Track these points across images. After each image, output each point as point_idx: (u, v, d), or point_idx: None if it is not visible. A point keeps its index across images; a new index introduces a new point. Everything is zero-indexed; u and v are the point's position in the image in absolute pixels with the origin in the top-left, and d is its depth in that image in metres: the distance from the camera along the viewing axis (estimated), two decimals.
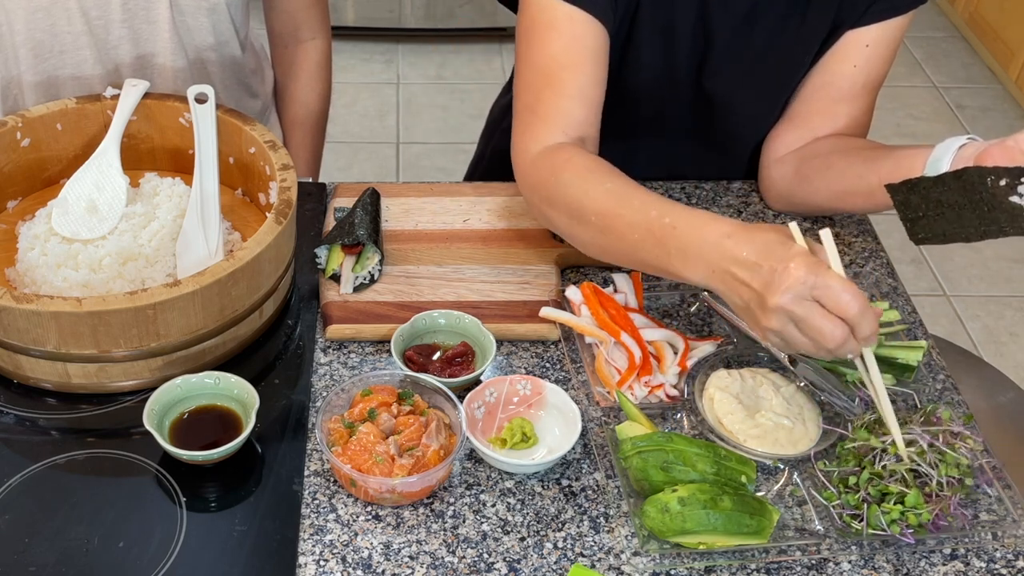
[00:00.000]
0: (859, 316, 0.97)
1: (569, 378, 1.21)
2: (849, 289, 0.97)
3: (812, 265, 0.98)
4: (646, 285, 1.32)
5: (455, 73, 3.76)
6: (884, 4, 1.30)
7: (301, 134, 1.70)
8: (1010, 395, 1.38)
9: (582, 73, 1.25)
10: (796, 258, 0.98)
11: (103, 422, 1.14)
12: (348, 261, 1.28)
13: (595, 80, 1.27)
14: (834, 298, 0.97)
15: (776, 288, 0.99)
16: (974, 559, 1.06)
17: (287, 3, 1.60)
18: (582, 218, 1.18)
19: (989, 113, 3.75)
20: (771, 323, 1.00)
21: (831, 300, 0.97)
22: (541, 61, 1.25)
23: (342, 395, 1.11)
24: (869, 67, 1.34)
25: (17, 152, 1.33)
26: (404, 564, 1.02)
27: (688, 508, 1.00)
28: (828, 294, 0.97)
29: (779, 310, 0.99)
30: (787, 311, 0.99)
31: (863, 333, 0.99)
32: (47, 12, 1.39)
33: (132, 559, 1.00)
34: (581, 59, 1.25)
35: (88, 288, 1.19)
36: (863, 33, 1.32)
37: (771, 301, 0.99)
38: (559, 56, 1.24)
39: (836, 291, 0.97)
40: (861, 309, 0.97)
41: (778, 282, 0.99)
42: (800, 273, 0.97)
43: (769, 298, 0.99)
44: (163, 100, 1.37)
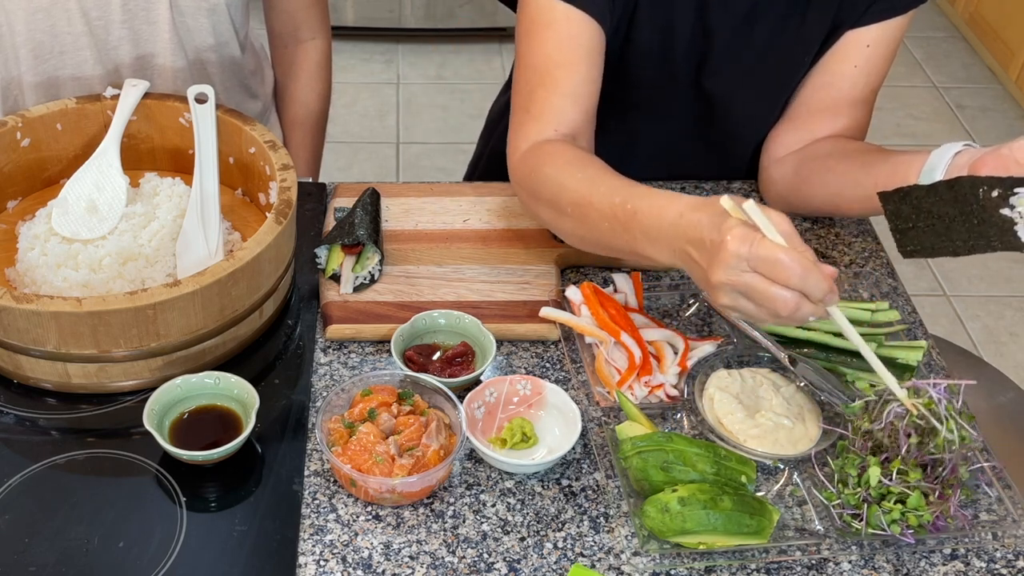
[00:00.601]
0: (801, 281, 0.95)
1: (569, 378, 1.21)
2: (785, 257, 0.95)
3: (745, 238, 0.96)
4: (646, 285, 1.32)
5: (455, 73, 3.76)
6: (884, 4, 1.30)
7: (301, 134, 1.70)
8: (1010, 395, 1.38)
9: (576, 72, 1.26)
10: (730, 232, 0.97)
11: (103, 422, 1.14)
12: (348, 261, 1.28)
13: (589, 79, 1.27)
14: (772, 268, 0.95)
15: (715, 264, 0.98)
16: (974, 559, 1.06)
17: (287, 3, 1.60)
18: (561, 209, 1.20)
19: (989, 113, 3.75)
20: (721, 299, 1.00)
21: (769, 271, 0.96)
22: (537, 60, 1.26)
23: (342, 395, 1.11)
24: (869, 67, 1.34)
25: (17, 152, 1.33)
26: (404, 564, 1.02)
27: (688, 508, 1.00)
28: (765, 265, 0.96)
29: (721, 286, 0.98)
30: (730, 285, 0.98)
31: (815, 296, 0.96)
32: (47, 13, 1.39)
33: (132, 559, 1.00)
34: (576, 58, 1.25)
35: (88, 288, 1.19)
36: (863, 33, 1.32)
37: (713, 278, 0.99)
38: (554, 55, 1.25)
39: (771, 261, 0.95)
40: (802, 275, 0.95)
41: (716, 258, 0.98)
42: (734, 247, 0.96)
43: (711, 275, 0.99)
44: (163, 100, 1.37)
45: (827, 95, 1.36)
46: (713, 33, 1.32)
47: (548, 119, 1.26)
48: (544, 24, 1.25)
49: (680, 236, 1.04)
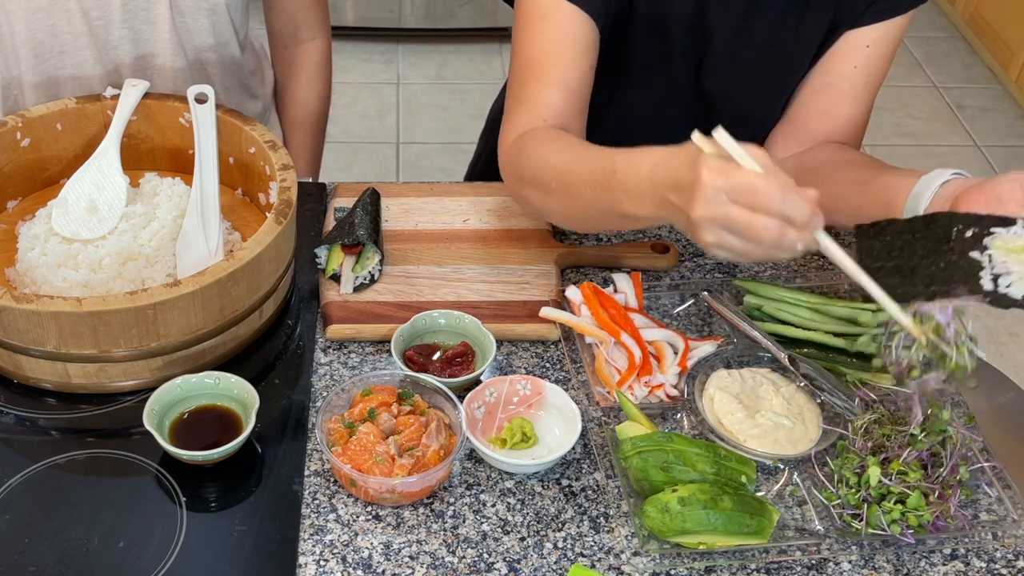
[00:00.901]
0: (781, 205, 0.92)
1: (569, 378, 1.21)
2: (762, 182, 0.92)
3: (720, 169, 0.94)
4: (646, 285, 1.32)
5: (455, 73, 3.76)
6: (883, 4, 1.30)
7: (301, 134, 1.70)
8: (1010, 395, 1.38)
9: (567, 65, 1.26)
10: (703, 166, 0.95)
11: (103, 422, 1.14)
12: (348, 261, 1.28)
13: (580, 72, 1.28)
14: (750, 196, 0.93)
15: (693, 201, 0.95)
16: (974, 559, 1.06)
17: (287, 3, 1.60)
18: (546, 187, 1.20)
19: (989, 113, 3.75)
20: (705, 237, 0.97)
21: (748, 199, 0.93)
22: (530, 52, 1.28)
23: (342, 395, 1.11)
24: (869, 67, 1.34)
25: (17, 152, 1.33)
26: (404, 564, 1.02)
27: (688, 508, 1.00)
28: (742, 194, 0.93)
29: (702, 222, 0.96)
30: (710, 220, 0.95)
31: (798, 219, 0.93)
32: (47, 12, 1.39)
33: (132, 559, 1.00)
34: (568, 51, 1.26)
35: (88, 288, 1.19)
36: (863, 33, 1.32)
37: (692, 216, 0.96)
38: (546, 47, 1.26)
39: (748, 188, 0.93)
40: (781, 198, 0.92)
41: (693, 195, 0.95)
42: (708, 179, 0.94)
43: (691, 212, 0.96)
44: (163, 100, 1.37)
45: (826, 96, 1.36)
46: (712, 32, 1.32)
47: (538, 110, 1.26)
48: (538, 17, 1.26)
49: (658, 184, 1.02)
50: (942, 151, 3.56)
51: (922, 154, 3.54)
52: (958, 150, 3.56)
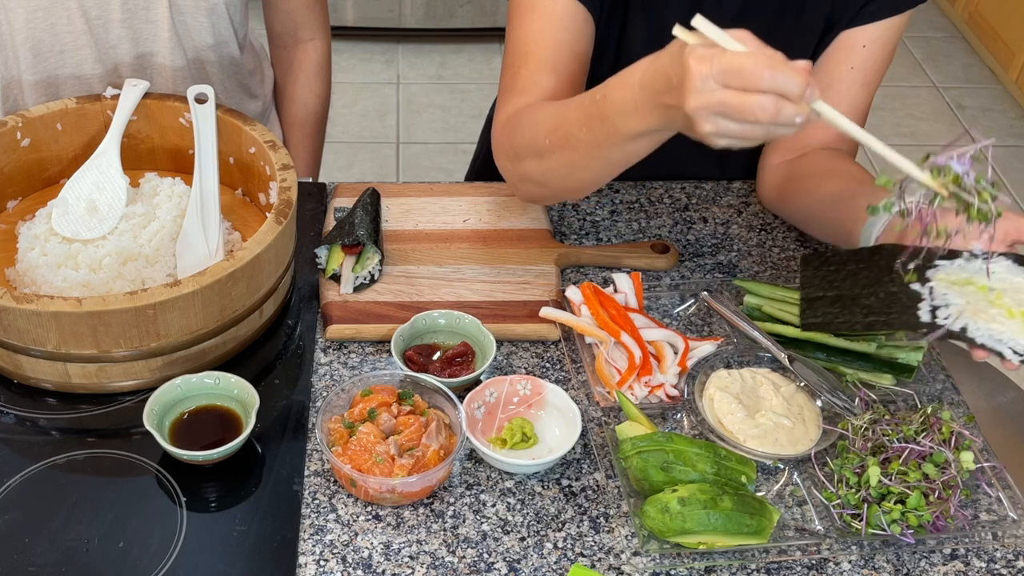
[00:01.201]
0: (772, 80, 0.91)
1: (569, 378, 1.21)
2: (748, 61, 0.91)
3: (705, 56, 0.93)
4: (646, 285, 1.32)
5: (455, 73, 3.76)
6: (879, 3, 1.29)
7: (301, 134, 1.70)
8: (1010, 395, 1.38)
9: (558, 50, 1.26)
10: (688, 57, 0.94)
11: (103, 422, 1.14)
12: (348, 261, 1.28)
13: (573, 56, 1.27)
14: (739, 76, 0.92)
15: (684, 94, 0.94)
16: (974, 559, 1.06)
17: (286, 3, 1.60)
18: (542, 148, 1.18)
19: (989, 113, 3.75)
20: (703, 128, 0.96)
21: (738, 80, 0.92)
22: (521, 41, 1.28)
23: (342, 395, 1.11)
24: (866, 68, 1.33)
25: (17, 152, 1.33)
26: (404, 564, 1.02)
27: (688, 508, 1.00)
28: (731, 76, 0.92)
29: (697, 112, 0.94)
30: (705, 108, 0.94)
31: (792, 92, 0.91)
32: (47, 12, 1.39)
33: (132, 559, 1.00)
34: (560, 37, 1.26)
35: (88, 288, 1.19)
36: (859, 33, 1.32)
37: (687, 108, 0.95)
38: (537, 34, 1.26)
39: (736, 69, 0.92)
40: (771, 74, 0.91)
41: (683, 88, 0.94)
42: (696, 68, 0.93)
43: (685, 105, 0.95)
44: (163, 100, 1.37)
45: (823, 99, 1.35)
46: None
47: (528, 93, 1.26)
48: (530, 6, 1.27)
49: (650, 89, 1.01)
50: None
51: (922, 154, 3.54)
52: None
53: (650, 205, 1.48)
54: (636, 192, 1.50)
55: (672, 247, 1.38)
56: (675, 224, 1.45)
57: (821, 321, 1.14)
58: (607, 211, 1.47)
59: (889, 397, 1.18)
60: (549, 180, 1.24)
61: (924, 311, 1.04)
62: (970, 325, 1.02)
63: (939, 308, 1.03)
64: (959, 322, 1.03)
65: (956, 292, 1.04)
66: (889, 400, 1.17)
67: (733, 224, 1.46)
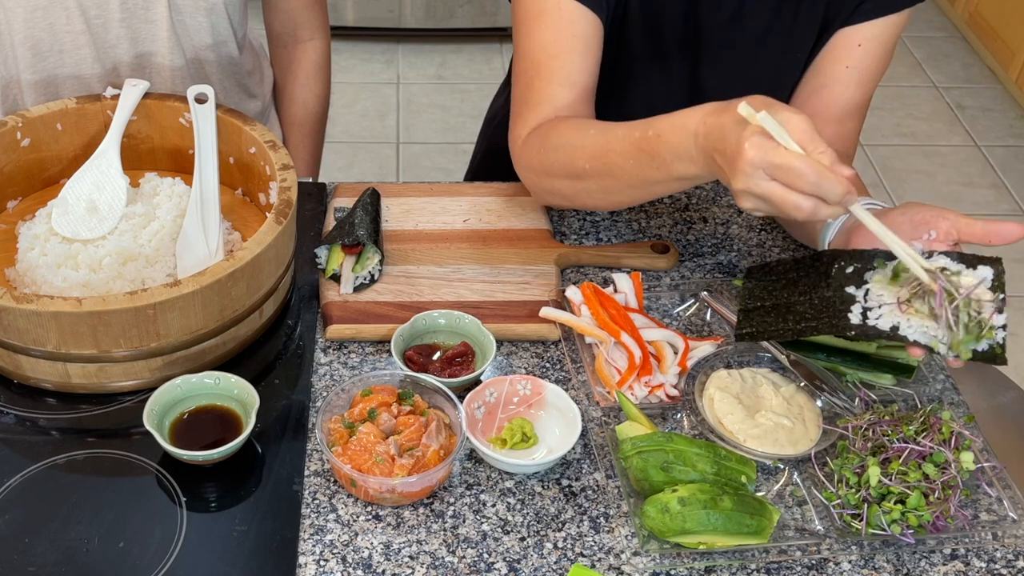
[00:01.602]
0: (816, 187, 0.98)
1: (569, 378, 1.21)
2: (798, 163, 0.97)
3: (762, 146, 0.99)
4: (646, 285, 1.32)
5: (455, 73, 3.76)
6: (876, 1, 1.29)
7: (300, 134, 1.70)
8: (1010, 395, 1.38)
9: (570, 61, 1.27)
10: (747, 140, 0.99)
11: (103, 422, 1.14)
12: (348, 261, 1.28)
13: (584, 67, 1.28)
14: (786, 175, 0.98)
15: (734, 172, 1.01)
16: (974, 559, 1.06)
17: (286, 3, 1.60)
18: (579, 172, 1.22)
19: (989, 113, 3.75)
20: (744, 204, 1.04)
21: (785, 178, 0.99)
22: (532, 51, 1.28)
23: (342, 395, 1.11)
24: (862, 68, 1.33)
25: (17, 152, 1.33)
26: (404, 564, 1.02)
27: (688, 508, 1.00)
28: (780, 173, 0.98)
29: (742, 193, 1.02)
30: (748, 193, 1.01)
31: (832, 198, 0.99)
32: (46, 11, 1.39)
33: (132, 559, 1.00)
34: (570, 47, 1.26)
35: (88, 288, 1.19)
36: (855, 32, 1.31)
37: (734, 187, 1.02)
38: (548, 45, 1.27)
39: (786, 168, 0.98)
40: (816, 180, 0.97)
41: (735, 167, 1.01)
42: (751, 155, 0.99)
43: (732, 182, 1.02)
44: (163, 100, 1.37)
45: (818, 100, 1.35)
46: (704, 30, 1.32)
47: (546, 107, 1.27)
48: (536, 14, 1.27)
49: (707, 143, 1.06)
50: (942, 151, 3.56)
51: (922, 154, 3.54)
52: (958, 150, 3.57)
53: (650, 205, 1.48)
54: None
55: (672, 247, 1.38)
56: (675, 224, 1.45)
57: (755, 331, 1.17)
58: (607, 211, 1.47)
59: (889, 397, 1.18)
60: (581, 199, 1.29)
61: (855, 314, 1.06)
62: (902, 324, 1.04)
63: (871, 310, 1.06)
64: (889, 321, 1.05)
65: (889, 292, 1.06)
66: (889, 400, 1.17)
67: (733, 224, 1.46)
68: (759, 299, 1.19)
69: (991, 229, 1.07)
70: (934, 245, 1.08)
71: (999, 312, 1.03)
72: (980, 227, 1.08)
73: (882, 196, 3.32)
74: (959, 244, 1.10)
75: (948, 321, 1.03)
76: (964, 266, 1.05)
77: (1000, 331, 1.03)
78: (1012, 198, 3.36)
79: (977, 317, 1.03)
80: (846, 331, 1.05)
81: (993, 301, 1.04)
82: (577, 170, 1.22)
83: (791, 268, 1.17)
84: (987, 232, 1.07)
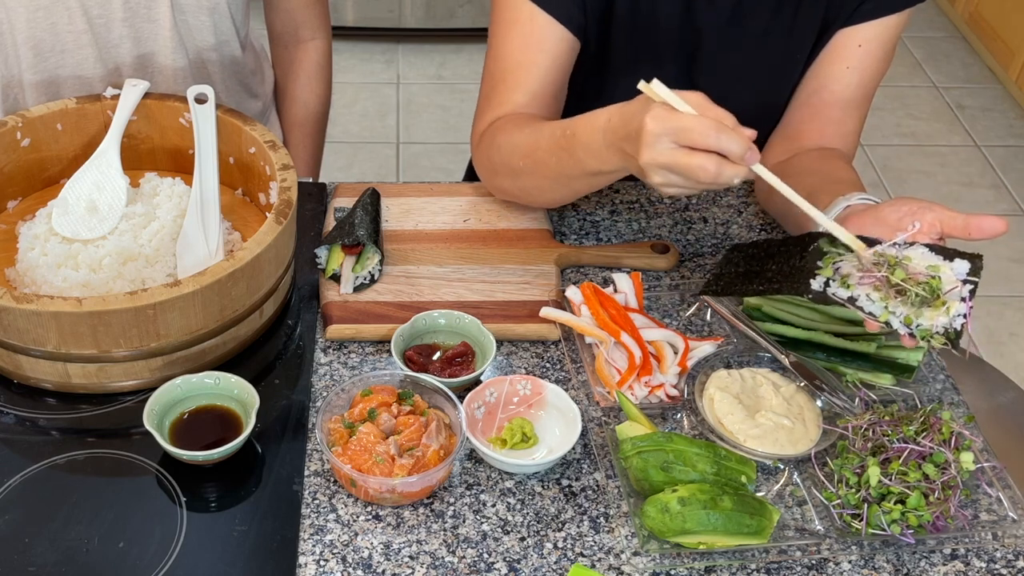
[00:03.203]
0: (718, 141, 1.00)
1: (569, 378, 1.21)
2: (696, 122, 1.00)
3: (660, 115, 1.02)
4: (646, 285, 1.32)
5: (455, 73, 3.76)
6: (876, 2, 1.29)
7: (301, 134, 1.70)
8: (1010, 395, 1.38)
9: (534, 74, 1.31)
10: (646, 114, 1.02)
11: (103, 422, 1.14)
12: (348, 261, 1.28)
13: (549, 80, 1.32)
14: (688, 136, 1.01)
15: (640, 148, 1.03)
16: (974, 559, 1.06)
17: (287, 2, 1.60)
18: (516, 169, 1.27)
19: (989, 113, 3.75)
20: (654, 179, 1.05)
21: (688, 139, 1.01)
22: (501, 55, 1.32)
23: (342, 395, 1.11)
24: (862, 68, 1.33)
25: (17, 152, 1.33)
26: (404, 564, 1.02)
27: (688, 508, 1.00)
28: (682, 135, 1.01)
29: (649, 167, 1.04)
30: (656, 164, 1.03)
31: (735, 154, 1.01)
32: (48, 11, 1.39)
33: (132, 559, 1.00)
34: (537, 59, 1.30)
35: (88, 288, 1.19)
36: (855, 32, 1.31)
37: (641, 161, 1.04)
38: (516, 53, 1.30)
39: (687, 128, 1.00)
40: (716, 135, 1.00)
41: (639, 142, 1.03)
42: (651, 126, 1.02)
43: (639, 158, 1.04)
44: (163, 100, 1.37)
45: (819, 100, 1.35)
46: (701, 32, 1.32)
47: (505, 109, 1.31)
48: (510, 21, 1.30)
49: (610, 137, 1.10)
50: (942, 151, 3.56)
51: (922, 154, 3.54)
52: (958, 150, 3.57)
53: (650, 205, 1.48)
54: (636, 192, 1.50)
55: (672, 247, 1.38)
56: (675, 224, 1.45)
57: (719, 290, 1.21)
58: (607, 211, 1.47)
59: (889, 397, 1.18)
60: (523, 197, 1.34)
61: (818, 281, 1.07)
62: (861, 296, 1.05)
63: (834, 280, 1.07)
64: (849, 292, 1.06)
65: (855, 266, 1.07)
66: (889, 400, 1.17)
67: (733, 224, 1.46)
68: (735, 265, 1.22)
69: (971, 222, 1.07)
70: (917, 237, 1.07)
71: (963, 300, 1.03)
72: (961, 220, 1.08)
73: (882, 196, 3.30)
74: (944, 238, 1.10)
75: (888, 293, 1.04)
76: (941, 258, 1.05)
77: (959, 318, 1.03)
78: (1012, 198, 3.36)
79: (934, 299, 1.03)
80: (804, 294, 1.07)
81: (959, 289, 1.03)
82: (514, 168, 1.27)
83: (777, 244, 1.18)
84: (967, 225, 1.07)
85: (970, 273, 1.04)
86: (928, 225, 1.09)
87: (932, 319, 1.02)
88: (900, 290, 1.03)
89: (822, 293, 1.06)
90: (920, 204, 1.11)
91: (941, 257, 1.05)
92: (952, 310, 1.02)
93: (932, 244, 1.07)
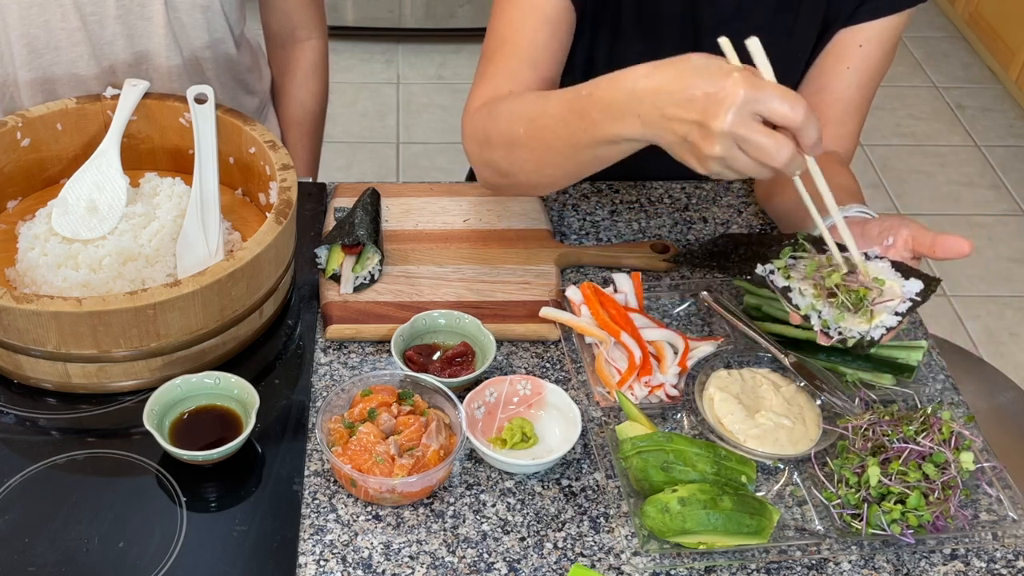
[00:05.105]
0: (804, 123, 0.93)
1: (569, 378, 1.21)
2: (790, 97, 0.93)
3: (750, 81, 0.93)
4: (646, 285, 1.32)
5: (455, 73, 3.76)
6: (877, 2, 1.29)
7: (299, 134, 1.70)
8: (1010, 395, 1.38)
9: (534, 38, 1.26)
10: (732, 76, 0.93)
11: (103, 422, 1.14)
12: (348, 261, 1.28)
13: (549, 50, 1.27)
14: (778, 109, 0.93)
15: (717, 112, 0.93)
16: (974, 559, 1.06)
17: (283, 2, 1.60)
18: (515, 139, 1.18)
19: (989, 113, 3.75)
20: (715, 150, 0.95)
21: (774, 112, 0.93)
22: (499, 27, 1.28)
23: (342, 395, 1.11)
24: (863, 68, 1.33)
25: (17, 152, 1.33)
26: (404, 564, 1.02)
27: (688, 508, 1.00)
28: (771, 106, 0.93)
29: (724, 135, 0.94)
30: (732, 134, 0.94)
31: (809, 140, 0.95)
32: (41, 8, 1.39)
33: (132, 559, 1.00)
34: (536, 24, 1.26)
35: (88, 288, 1.19)
36: (856, 32, 1.32)
37: (715, 126, 0.94)
38: (515, 21, 1.27)
39: (779, 101, 0.93)
40: (805, 115, 0.93)
41: (718, 105, 0.93)
42: (740, 91, 0.92)
43: (712, 123, 0.94)
44: (163, 100, 1.37)
45: (819, 101, 1.35)
46: (703, 30, 1.32)
47: (503, 81, 1.26)
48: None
49: (649, 96, 0.99)
50: (942, 151, 3.56)
51: (922, 154, 3.54)
52: (958, 150, 3.57)
53: (650, 205, 1.48)
54: (636, 192, 1.50)
55: (672, 247, 1.38)
56: (675, 224, 1.45)
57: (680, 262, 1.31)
58: (607, 211, 1.47)
59: (889, 397, 1.18)
60: (515, 172, 1.23)
61: (765, 269, 1.10)
62: (795, 289, 1.08)
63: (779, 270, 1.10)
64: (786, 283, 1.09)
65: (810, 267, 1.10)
66: (889, 400, 1.17)
67: (733, 224, 1.46)
68: (714, 245, 1.25)
69: (938, 241, 1.09)
70: (889, 252, 1.10)
71: (896, 315, 1.05)
72: (930, 238, 1.09)
73: (882, 196, 3.32)
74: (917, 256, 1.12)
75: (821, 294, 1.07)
76: (899, 275, 1.08)
77: (880, 329, 1.05)
78: (1012, 198, 3.36)
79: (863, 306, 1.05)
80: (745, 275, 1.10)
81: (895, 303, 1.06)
82: (513, 136, 1.18)
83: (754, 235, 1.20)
84: (934, 244, 1.09)
85: (920, 294, 1.07)
86: (903, 241, 1.11)
87: (853, 324, 1.06)
88: (832, 294, 1.06)
89: (762, 278, 1.10)
90: (900, 221, 1.12)
91: (899, 274, 1.08)
92: (876, 321, 1.05)
93: (897, 261, 1.09)
